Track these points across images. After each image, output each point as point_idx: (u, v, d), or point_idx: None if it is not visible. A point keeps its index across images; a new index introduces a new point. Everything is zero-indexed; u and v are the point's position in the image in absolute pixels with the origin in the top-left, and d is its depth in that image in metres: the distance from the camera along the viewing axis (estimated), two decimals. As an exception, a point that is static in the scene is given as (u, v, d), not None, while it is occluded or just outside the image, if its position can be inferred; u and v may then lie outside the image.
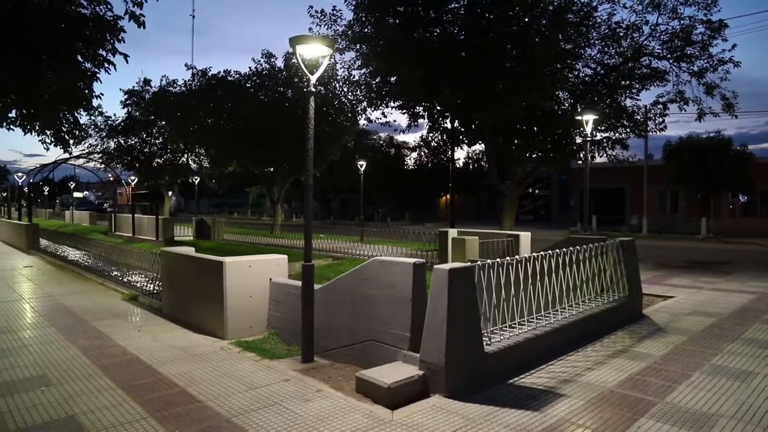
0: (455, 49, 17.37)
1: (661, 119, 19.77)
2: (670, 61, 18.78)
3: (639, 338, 7.57)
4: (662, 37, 18.54)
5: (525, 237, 14.57)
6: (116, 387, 5.78)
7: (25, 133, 13.34)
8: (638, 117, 20.11)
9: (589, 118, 14.45)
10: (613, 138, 20.23)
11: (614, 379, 5.83)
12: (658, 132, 20.28)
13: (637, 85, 19.15)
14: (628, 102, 19.69)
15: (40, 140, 13.86)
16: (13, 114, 12.39)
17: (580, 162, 23.47)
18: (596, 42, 18.98)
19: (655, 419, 4.79)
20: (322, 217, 55.40)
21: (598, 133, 19.85)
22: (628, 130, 19.88)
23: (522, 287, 6.54)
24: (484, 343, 5.80)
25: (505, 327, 6.30)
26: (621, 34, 18.54)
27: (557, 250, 7.35)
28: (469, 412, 4.97)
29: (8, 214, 42.78)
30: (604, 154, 20.76)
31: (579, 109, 17.33)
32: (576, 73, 19.65)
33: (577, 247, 7.84)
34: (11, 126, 12.59)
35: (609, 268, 8.69)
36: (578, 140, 19.99)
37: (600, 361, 6.51)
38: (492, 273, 6.06)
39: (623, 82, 19.25)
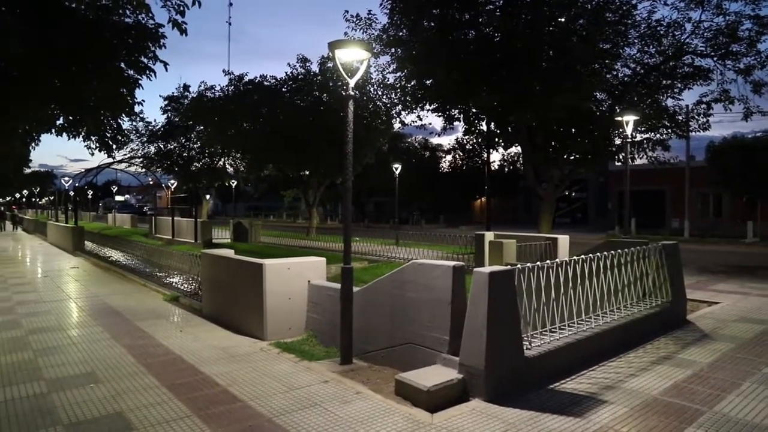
0: (491, 51, 17.25)
1: (704, 119, 19.19)
2: (715, 59, 18.20)
3: (684, 345, 7.36)
4: (706, 34, 17.96)
5: (563, 240, 14.34)
6: (161, 385, 5.93)
7: (70, 139, 13.84)
8: (680, 117, 19.57)
9: (629, 119, 14.12)
10: (654, 139, 19.73)
11: (659, 387, 5.68)
12: (701, 132, 19.70)
13: (679, 85, 18.62)
14: (670, 102, 19.19)
15: (85, 146, 14.39)
16: (60, 120, 12.86)
17: (619, 164, 23.02)
18: (635, 41, 18.53)
19: (703, 429, 4.65)
20: (356, 219, 55.61)
21: (638, 134, 19.40)
22: (669, 130, 19.36)
23: (562, 291, 6.44)
24: (525, 347, 5.74)
25: (545, 331, 6.22)
26: (661, 33, 18.05)
27: (598, 254, 7.22)
28: (510, 416, 4.92)
29: (56, 217, 44.28)
30: (645, 156, 20.27)
31: (618, 110, 16.97)
32: (614, 73, 19.24)
33: (618, 250, 7.68)
34: (59, 132, 13.08)
35: (651, 272, 8.49)
36: (617, 141, 19.60)
37: (643, 367, 6.35)
38: (532, 276, 5.99)
39: (664, 82, 18.75)
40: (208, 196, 45.60)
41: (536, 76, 16.70)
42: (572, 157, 20.63)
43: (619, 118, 14.69)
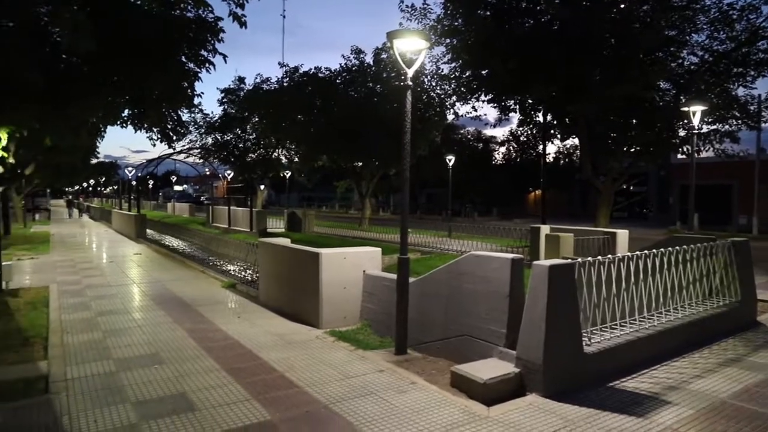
0: (549, 40, 16.82)
1: (780, 109, 18.11)
2: (795, 43, 17.04)
3: (754, 347, 7.00)
4: (786, 16, 16.82)
5: (622, 235, 13.89)
6: (220, 369, 6.11)
7: (135, 131, 14.40)
8: (752, 107, 18.54)
9: (696, 110, 13.47)
10: (722, 130, 18.78)
11: (727, 390, 5.43)
12: (776, 122, 18.62)
13: (753, 72, 17.56)
14: (741, 91, 18.18)
15: (147, 137, 14.96)
16: (125, 113, 13.42)
17: (683, 156, 22.05)
18: (704, 27, 17.62)
19: (778, 434, 4.42)
20: (409, 211, 55.44)
21: (704, 126, 18.50)
22: (739, 121, 18.38)
23: (624, 286, 6.24)
24: (584, 343, 5.60)
25: (606, 327, 6.05)
26: (734, 17, 17.07)
27: (661, 249, 6.96)
28: (569, 413, 4.82)
29: (119, 206, 46.24)
30: (711, 148, 19.34)
31: (683, 100, 16.22)
32: (680, 61, 18.38)
33: (684, 246, 7.37)
34: (124, 124, 13.67)
35: (719, 270, 8.10)
36: (682, 133, 18.78)
37: (709, 369, 6.09)
38: (593, 271, 5.83)
39: (735, 70, 17.76)
40: (262, 187, 46.53)
41: (596, 66, 16.16)
42: (632, 150, 19.92)
43: (685, 109, 14.05)
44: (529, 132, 45.04)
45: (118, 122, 13.75)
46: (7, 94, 10.52)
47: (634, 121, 18.68)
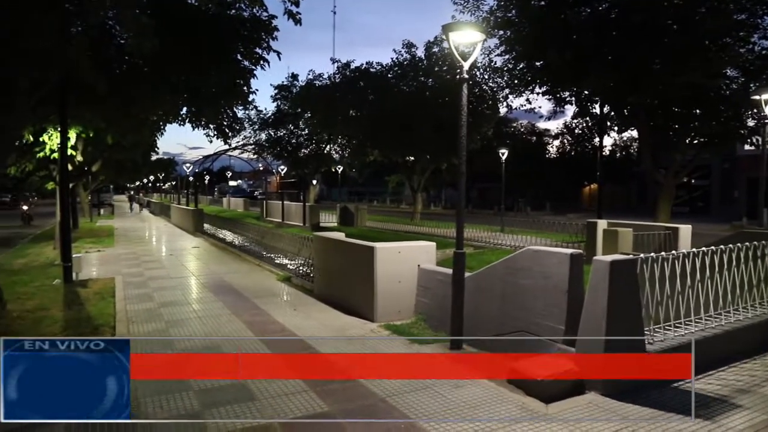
0: (607, 28, 16.28)
1: None
2: None
3: (834, 350, 6.59)
4: None
5: (685, 231, 13.33)
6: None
7: (193, 129, 14.94)
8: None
9: None
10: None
11: (803, 394, 5.15)
12: None
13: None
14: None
15: (204, 133, 15.50)
16: (184, 111, 13.88)
17: (750, 147, 20.94)
18: (780, 7, 16.61)
19: None
20: (459, 206, 54.90)
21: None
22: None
23: (689, 284, 5.99)
24: (646, 342, 5.42)
25: (669, 326, 5.83)
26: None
27: (729, 245, 6.64)
28: (630, 413, 4.69)
29: (177, 201, 47.84)
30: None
31: (753, 88, 15.36)
32: (750, 46, 17.39)
33: (755, 242, 7.00)
34: (182, 122, 14.14)
35: (794, 267, 7.66)
36: (750, 123, 17.82)
37: (783, 371, 5.79)
38: (656, 267, 5.63)
39: (813, 54, 16.68)
40: (314, 182, 47.12)
41: (657, 54, 15.52)
42: (696, 141, 19.08)
43: (756, 97, 13.33)
44: (585, 124, 43.84)
45: (177, 120, 14.26)
46: (76, 96, 11.08)
47: (697, 111, 17.87)
